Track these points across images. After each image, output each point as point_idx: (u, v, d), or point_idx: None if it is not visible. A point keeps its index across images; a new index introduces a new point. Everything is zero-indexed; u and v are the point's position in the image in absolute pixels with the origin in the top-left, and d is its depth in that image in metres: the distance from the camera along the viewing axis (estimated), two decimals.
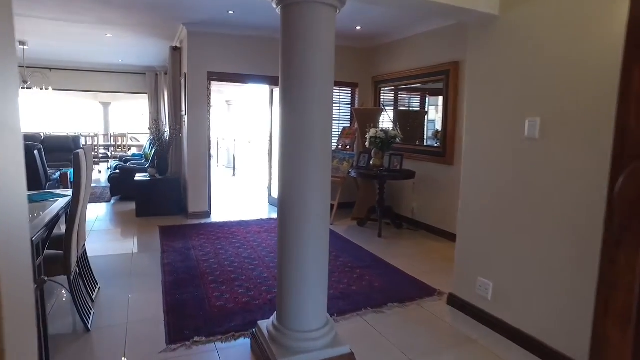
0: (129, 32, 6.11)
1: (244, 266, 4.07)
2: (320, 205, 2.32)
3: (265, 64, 5.96)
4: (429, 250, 4.73)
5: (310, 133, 2.19)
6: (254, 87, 10.67)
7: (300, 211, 2.29)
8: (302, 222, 2.29)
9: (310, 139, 2.19)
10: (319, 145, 2.22)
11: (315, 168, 2.24)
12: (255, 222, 5.85)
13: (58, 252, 2.72)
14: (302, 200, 2.28)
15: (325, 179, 2.32)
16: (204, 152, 5.98)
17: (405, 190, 5.88)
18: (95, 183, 9.34)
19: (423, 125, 6.18)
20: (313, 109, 2.18)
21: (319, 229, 2.33)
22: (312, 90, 2.18)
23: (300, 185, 2.26)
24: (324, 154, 2.26)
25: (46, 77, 8.47)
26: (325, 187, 2.33)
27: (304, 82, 2.18)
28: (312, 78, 2.18)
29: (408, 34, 5.67)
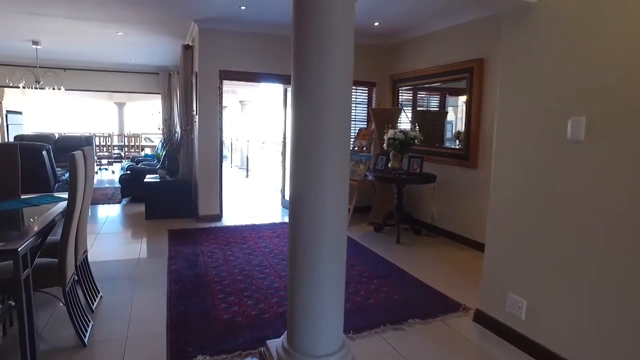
0: (140, 29, 5.96)
1: (254, 275, 3.84)
2: (338, 216, 2.07)
3: (278, 62, 5.74)
4: (451, 259, 4.44)
5: (327, 134, 1.94)
6: (268, 86, 10.49)
7: (314, 221, 2.05)
8: (316, 233, 2.05)
9: (327, 140, 1.94)
10: (336, 147, 1.98)
11: (332, 172, 2.00)
12: (267, 227, 5.63)
13: (52, 261, 2.52)
14: (317, 210, 2.03)
15: (343, 185, 2.07)
16: (215, 154, 5.78)
17: (424, 195, 5.59)
18: (109, 183, 9.27)
19: (443, 126, 5.89)
20: (330, 108, 1.93)
21: (336, 240, 2.09)
22: (330, 87, 1.93)
23: (315, 192, 2.02)
24: (342, 156, 2.01)
25: (58, 77, 8.41)
26: (343, 194, 2.09)
27: (321, 78, 1.93)
28: (330, 74, 1.93)
29: (429, 30, 5.39)
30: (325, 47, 1.91)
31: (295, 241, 2.11)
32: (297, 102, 2.01)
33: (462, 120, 5.56)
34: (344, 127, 1.99)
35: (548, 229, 2.41)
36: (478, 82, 4.59)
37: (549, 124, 2.41)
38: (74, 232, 2.56)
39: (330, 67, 1.92)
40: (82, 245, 3.09)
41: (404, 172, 5.14)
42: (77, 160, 2.42)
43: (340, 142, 1.99)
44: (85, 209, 3.00)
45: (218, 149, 5.81)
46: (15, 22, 5.74)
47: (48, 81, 8.05)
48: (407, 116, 6.21)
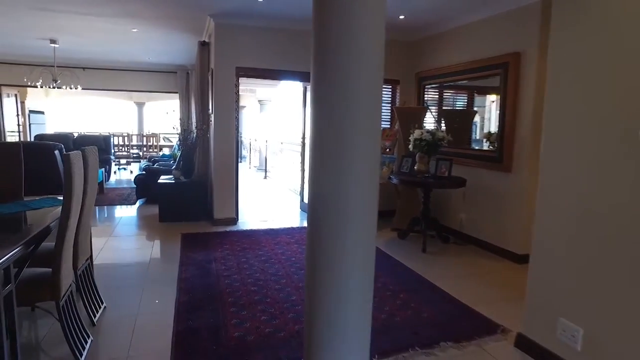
0: (155, 25, 5.77)
1: (270, 285, 3.56)
2: (366, 229, 1.77)
3: (298, 58, 5.46)
4: (483, 271, 4.07)
5: (354, 133, 1.64)
6: (287, 85, 10.26)
7: (338, 229, 1.76)
8: (339, 241, 1.76)
9: (355, 140, 1.65)
10: (366, 146, 1.69)
11: (361, 172, 1.71)
12: (284, 231, 5.35)
13: (45, 271, 2.29)
14: (342, 217, 1.74)
15: (372, 186, 1.77)
16: (231, 154, 5.54)
17: (452, 199, 5.22)
18: (127, 184, 9.16)
19: (471, 126, 5.50)
20: (356, 105, 1.63)
21: (363, 248, 1.80)
22: (356, 82, 1.64)
23: (340, 196, 1.73)
24: (372, 159, 1.72)
25: (76, 76, 8.34)
26: (372, 197, 1.79)
27: (346, 72, 1.64)
28: (357, 68, 1.64)
29: (458, 23, 5.02)
30: (351, 38, 1.62)
31: (315, 251, 1.82)
32: (319, 99, 1.72)
33: (491, 120, 5.21)
34: (373, 126, 1.69)
35: (614, 246, 2.05)
36: (514, 78, 4.21)
37: (616, 123, 2.04)
38: (70, 240, 2.32)
39: (356, 60, 1.62)
40: (84, 252, 2.86)
41: (431, 176, 4.79)
42: (73, 161, 2.18)
43: (370, 141, 1.69)
44: (87, 213, 2.77)
45: (234, 149, 5.56)
46: (31, 19, 5.64)
47: (65, 80, 7.97)
48: (432, 115, 5.85)
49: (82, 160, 2.40)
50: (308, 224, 1.90)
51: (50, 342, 2.58)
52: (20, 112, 10.92)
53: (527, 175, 4.15)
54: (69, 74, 8.18)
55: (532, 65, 4.01)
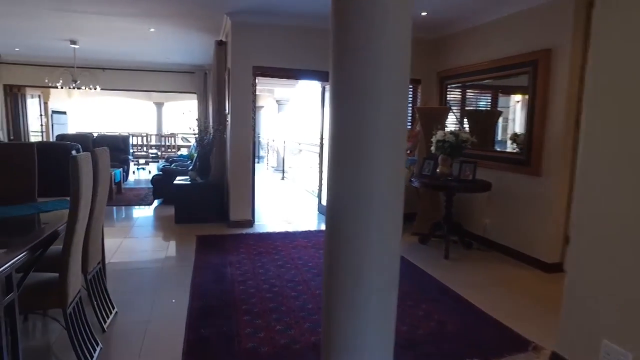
0: (172, 25, 5.72)
1: (286, 292, 3.43)
2: (390, 237, 1.63)
3: (316, 57, 5.31)
4: (510, 280, 3.85)
5: (377, 135, 1.49)
6: (305, 86, 10.14)
7: (359, 243, 1.61)
8: (361, 248, 1.62)
9: (378, 141, 1.50)
10: (390, 150, 1.54)
11: (384, 180, 1.57)
12: (302, 235, 5.22)
13: (51, 277, 2.20)
14: (362, 230, 1.60)
15: (396, 198, 1.63)
16: (248, 155, 5.43)
17: (475, 203, 5.00)
18: (145, 184, 9.18)
19: (495, 127, 5.27)
20: (381, 106, 1.49)
21: (387, 265, 1.65)
22: (380, 82, 1.49)
23: (361, 208, 1.59)
24: (396, 163, 1.57)
25: (95, 77, 8.39)
26: (396, 208, 1.65)
27: (368, 71, 1.49)
28: (380, 64, 1.49)
29: (484, 19, 4.80)
30: (375, 32, 1.47)
31: (334, 259, 1.68)
32: (339, 99, 1.58)
33: (516, 121, 4.98)
34: (398, 127, 1.54)
35: None
36: (544, 77, 3.98)
37: None
38: (78, 245, 2.23)
39: (379, 57, 1.47)
40: (95, 256, 2.78)
41: (454, 179, 4.59)
42: (80, 163, 2.09)
43: (395, 143, 1.54)
44: (97, 215, 2.68)
45: (251, 150, 5.46)
46: (51, 20, 5.66)
47: (85, 81, 8.03)
48: (455, 116, 5.64)
49: (90, 162, 2.31)
50: (326, 230, 1.76)
51: (59, 349, 2.50)
52: (44, 113, 11.09)
53: (558, 179, 3.92)
54: (88, 75, 8.24)
55: (564, 62, 3.78)
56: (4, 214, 2.68)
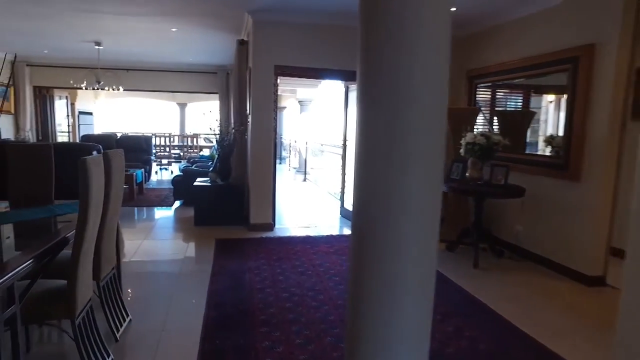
0: (194, 24, 5.66)
1: (306, 302, 3.26)
2: (424, 250, 1.44)
3: (339, 56, 5.14)
4: (547, 293, 3.58)
5: (413, 137, 1.31)
6: (328, 85, 9.97)
7: (390, 258, 1.43)
8: (389, 275, 1.43)
9: (414, 142, 1.32)
10: (428, 152, 1.36)
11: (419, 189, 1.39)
12: (323, 240, 5.05)
13: (59, 285, 2.09)
14: (393, 242, 1.41)
15: (433, 207, 1.44)
16: (269, 157, 5.29)
17: (506, 209, 4.72)
18: (168, 184, 9.19)
19: (528, 129, 4.98)
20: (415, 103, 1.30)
21: (421, 281, 1.46)
22: (416, 75, 1.30)
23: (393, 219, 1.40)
24: (435, 169, 1.39)
25: (118, 77, 8.44)
26: (433, 218, 1.46)
27: (404, 62, 1.31)
28: (416, 58, 1.31)
29: (518, 14, 4.53)
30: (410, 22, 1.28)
31: (359, 274, 1.50)
32: (369, 100, 1.40)
33: (548, 122, 4.70)
34: (437, 130, 1.35)
35: None
36: (586, 75, 3.69)
37: None
38: (88, 252, 2.11)
39: (416, 50, 1.28)
40: (109, 261, 2.67)
41: (484, 183, 4.34)
42: (90, 167, 1.97)
43: (434, 144, 1.36)
44: (111, 219, 2.58)
45: (272, 151, 5.32)
46: (75, 21, 5.70)
47: (108, 81, 8.08)
48: (484, 117, 5.38)
49: (102, 164, 2.20)
50: (352, 238, 1.59)
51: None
52: (70, 114, 11.28)
53: (600, 184, 3.63)
54: (111, 76, 8.30)
55: (610, 59, 3.49)
56: (18, 218, 2.61)
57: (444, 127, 1.42)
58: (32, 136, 9.34)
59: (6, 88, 8.51)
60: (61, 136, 10.76)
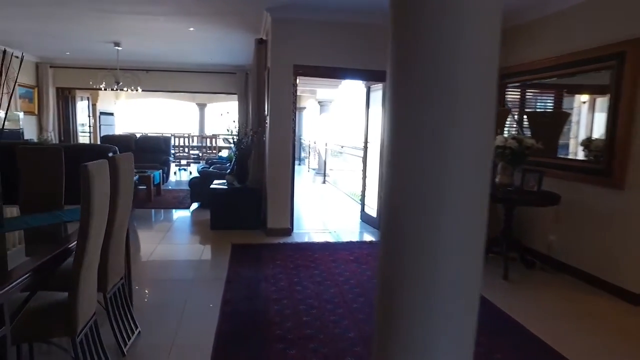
0: (211, 23, 5.54)
1: (324, 316, 3.07)
2: (468, 270, 1.23)
3: (360, 55, 4.95)
4: (588, 312, 3.30)
5: (459, 131, 1.12)
6: (349, 85, 9.76)
7: (429, 282, 1.22)
8: (424, 302, 1.22)
9: (459, 138, 1.13)
10: (474, 150, 1.17)
11: (462, 190, 1.18)
12: (343, 246, 4.84)
13: (60, 299, 1.95)
14: (435, 246, 1.21)
15: (479, 221, 1.23)
16: (287, 159, 5.12)
17: (538, 217, 4.43)
18: (185, 185, 9.14)
19: (563, 131, 4.67)
20: (461, 108, 1.10)
21: (465, 307, 1.26)
22: (459, 71, 1.10)
23: (431, 237, 1.20)
24: (481, 166, 1.19)
25: (137, 78, 8.42)
26: (480, 222, 1.25)
27: (443, 57, 1.11)
28: (458, 51, 1.11)
29: (554, 8, 4.23)
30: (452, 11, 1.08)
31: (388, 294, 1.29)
32: (404, 91, 1.20)
33: (581, 124, 4.40)
34: (484, 133, 1.14)
35: None
36: (632, 72, 3.39)
37: None
38: (90, 266, 1.96)
39: (458, 42, 1.08)
40: (116, 272, 2.53)
41: (515, 190, 4.06)
42: (93, 174, 1.82)
43: (481, 141, 1.17)
44: (119, 229, 2.44)
45: (291, 154, 5.14)
46: (94, 21, 5.68)
47: (127, 82, 8.06)
48: (513, 118, 5.09)
49: (107, 170, 2.05)
50: (382, 250, 1.39)
51: None
52: (92, 114, 11.37)
53: None
54: (130, 76, 8.28)
55: None
56: (23, 225, 2.49)
57: (492, 123, 1.22)
58: (55, 137, 9.42)
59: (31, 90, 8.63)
60: (82, 136, 10.85)
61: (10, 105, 7.68)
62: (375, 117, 5.64)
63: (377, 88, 5.54)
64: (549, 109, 4.98)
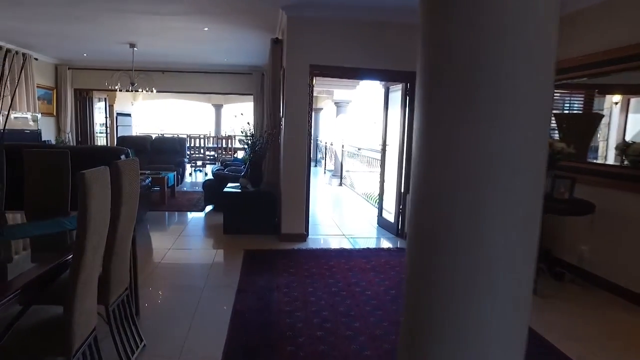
0: (226, 23, 5.42)
1: (339, 330, 2.88)
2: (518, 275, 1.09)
3: (380, 55, 4.76)
4: (628, 333, 3.03)
5: (506, 134, 0.96)
6: (366, 86, 9.57)
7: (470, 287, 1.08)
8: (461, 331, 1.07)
9: (506, 142, 0.97)
10: (524, 155, 1.01)
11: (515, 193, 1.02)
12: (360, 253, 4.65)
13: (55, 315, 1.81)
14: (475, 260, 1.07)
15: (532, 223, 1.08)
16: (303, 162, 4.95)
17: (569, 226, 4.16)
18: (201, 187, 9.07)
19: (595, 134, 4.39)
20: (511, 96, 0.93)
21: (513, 323, 1.13)
22: (515, 63, 0.93)
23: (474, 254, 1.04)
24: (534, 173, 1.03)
25: (151, 79, 8.37)
26: (531, 234, 1.11)
27: (486, 53, 0.94)
28: (503, 47, 0.93)
29: (589, 1, 3.97)
30: None
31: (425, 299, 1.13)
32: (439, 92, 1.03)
33: (612, 126, 4.11)
34: (538, 121, 0.98)
35: None
36: None
37: None
38: (88, 282, 1.82)
39: (505, 38, 0.90)
40: (120, 284, 2.40)
41: (544, 197, 3.79)
42: (90, 182, 1.68)
43: (532, 145, 1.01)
44: (123, 238, 2.30)
45: (306, 156, 4.97)
46: (109, 22, 5.63)
47: (142, 83, 8.02)
48: None
49: (107, 178, 1.91)
50: (410, 263, 1.23)
51: None
52: (109, 115, 11.42)
53: None
54: (144, 77, 8.25)
55: None
56: (23, 234, 2.38)
57: (547, 124, 1.06)
58: (72, 138, 9.46)
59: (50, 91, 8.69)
60: (100, 137, 10.91)
61: (30, 107, 7.73)
62: (394, 118, 5.44)
63: (396, 89, 5.33)
64: (577, 110, 4.70)
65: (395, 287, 3.67)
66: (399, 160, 5.25)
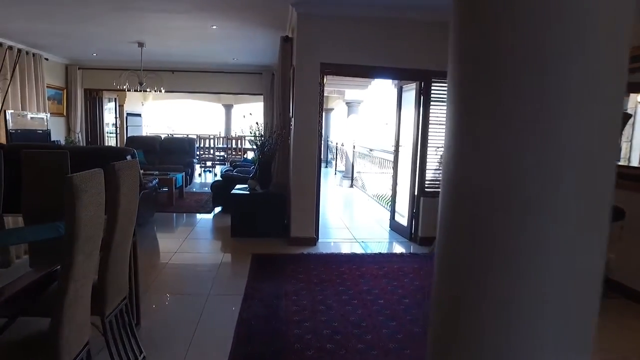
0: (234, 20, 5.27)
1: (350, 343, 2.71)
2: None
3: (392, 53, 4.59)
4: None
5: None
6: (378, 86, 9.38)
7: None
8: None
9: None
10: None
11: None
12: (372, 258, 4.47)
13: (42, 329, 1.67)
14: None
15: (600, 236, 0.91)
16: (313, 164, 4.79)
17: None
18: (209, 188, 8.97)
19: (621, 134, 4.15)
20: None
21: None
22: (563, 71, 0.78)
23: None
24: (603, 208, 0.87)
25: (160, 79, 8.29)
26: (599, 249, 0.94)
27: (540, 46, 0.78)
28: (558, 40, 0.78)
29: None
30: None
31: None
32: (478, 87, 0.87)
33: (637, 126, 3.90)
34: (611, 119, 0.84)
35: None
36: None
37: None
38: (79, 296, 1.67)
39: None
40: (118, 293, 2.26)
41: None
42: (78, 188, 1.53)
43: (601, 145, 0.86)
44: (120, 245, 2.16)
45: (316, 158, 4.81)
46: (116, 21, 5.54)
47: (150, 83, 7.94)
48: None
49: (101, 181, 1.76)
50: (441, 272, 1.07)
51: None
52: (119, 115, 11.39)
53: None
54: (153, 77, 8.17)
55: None
56: (18, 239, 2.26)
57: (618, 122, 0.92)
58: (82, 138, 9.43)
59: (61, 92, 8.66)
60: (110, 138, 10.88)
61: (40, 107, 7.69)
62: (407, 118, 5.25)
63: (409, 88, 5.14)
64: None
65: (409, 296, 3.49)
66: (413, 161, 5.06)
